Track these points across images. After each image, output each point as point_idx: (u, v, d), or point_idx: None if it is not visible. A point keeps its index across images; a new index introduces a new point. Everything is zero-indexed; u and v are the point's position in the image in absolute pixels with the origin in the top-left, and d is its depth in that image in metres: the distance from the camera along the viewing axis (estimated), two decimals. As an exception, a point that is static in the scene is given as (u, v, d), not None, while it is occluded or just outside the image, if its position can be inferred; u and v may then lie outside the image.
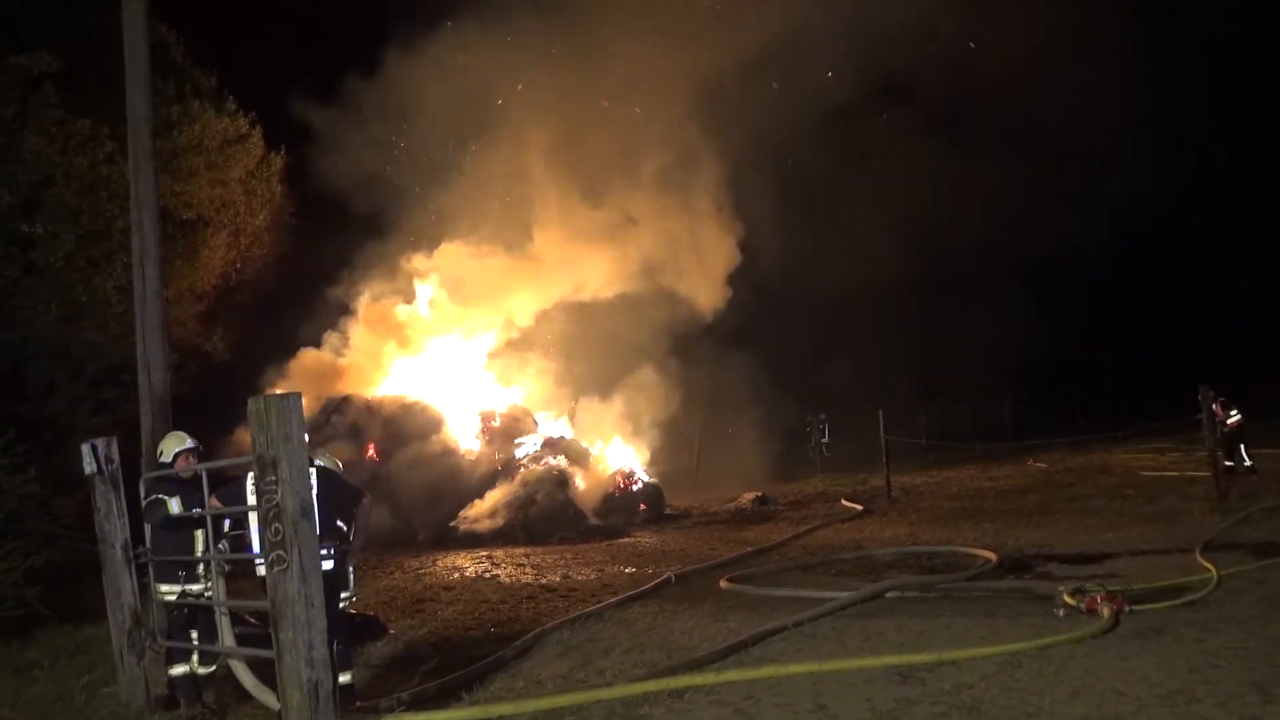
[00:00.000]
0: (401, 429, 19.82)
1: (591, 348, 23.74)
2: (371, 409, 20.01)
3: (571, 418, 23.04)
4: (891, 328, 31.71)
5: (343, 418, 19.65)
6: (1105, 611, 7.91)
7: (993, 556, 11.39)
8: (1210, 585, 8.92)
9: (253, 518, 6.64)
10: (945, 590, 9.93)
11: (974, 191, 31.54)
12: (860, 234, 27.27)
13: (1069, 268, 38.37)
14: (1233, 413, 17.63)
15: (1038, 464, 23.90)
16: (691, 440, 26.09)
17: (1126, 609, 8.01)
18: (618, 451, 22.55)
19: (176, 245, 17.50)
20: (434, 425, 20.24)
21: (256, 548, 6.64)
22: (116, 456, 7.46)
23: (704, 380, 24.68)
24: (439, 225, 22.90)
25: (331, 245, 22.76)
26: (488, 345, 22.95)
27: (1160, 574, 9.72)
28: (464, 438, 20.64)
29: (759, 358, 26.34)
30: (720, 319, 24.94)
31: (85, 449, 7.38)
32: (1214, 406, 16.74)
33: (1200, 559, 10.15)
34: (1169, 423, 18.93)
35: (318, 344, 21.37)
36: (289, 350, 20.95)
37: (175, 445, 7.86)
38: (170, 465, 7.74)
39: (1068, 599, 8.39)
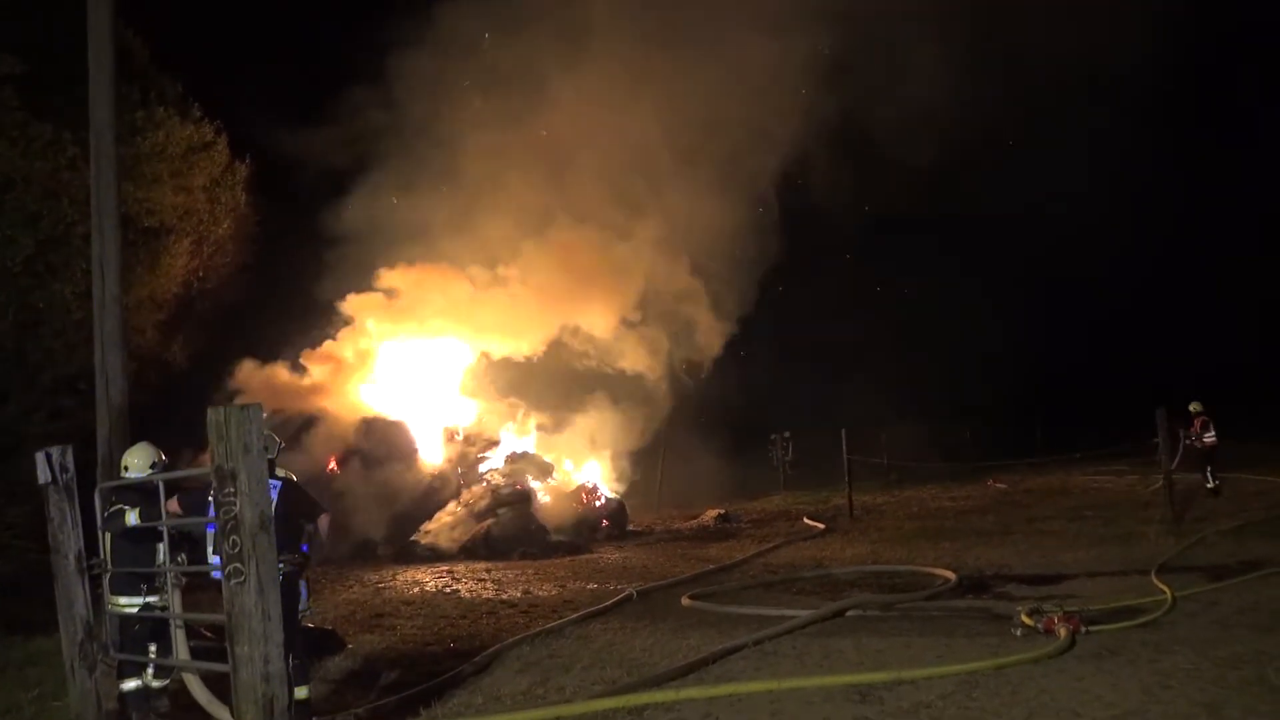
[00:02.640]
0: (364, 442, 19.68)
1: (558, 366, 23.70)
2: (333, 422, 19.84)
3: (535, 433, 22.98)
4: (856, 345, 31.86)
5: (304, 430, 19.48)
6: (1062, 632, 8.01)
7: (952, 576, 11.49)
8: (1165, 607, 9.06)
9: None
10: (905, 609, 9.99)
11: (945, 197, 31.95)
12: (830, 245, 27.51)
13: (1035, 289, 38.72)
14: (1209, 433, 17.95)
15: (998, 485, 24.13)
16: (655, 457, 26.09)
17: (1083, 629, 8.12)
18: (581, 467, 22.53)
19: (138, 252, 17.26)
20: (397, 439, 20.12)
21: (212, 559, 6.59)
22: (72, 466, 7.34)
23: (669, 397, 24.74)
24: (411, 243, 22.75)
25: (297, 256, 22.58)
26: (453, 362, 22.82)
27: (1116, 595, 9.86)
28: (427, 452, 20.52)
29: (723, 374, 26.43)
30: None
31: (40, 457, 7.27)
32: (1194, 422, 17.24)
33: (1156, 581, 10.29)
34: (1126, 445, 19.19)
35: (280, 355, 21.14)
36: (250, 360, 20.71)
37: (150, 458, 7.76)
38: (139, 478, 7.62)
39: (1025, 619, 8.49)
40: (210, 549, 6.80)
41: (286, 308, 21.81)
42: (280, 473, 7.20)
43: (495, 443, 21.35)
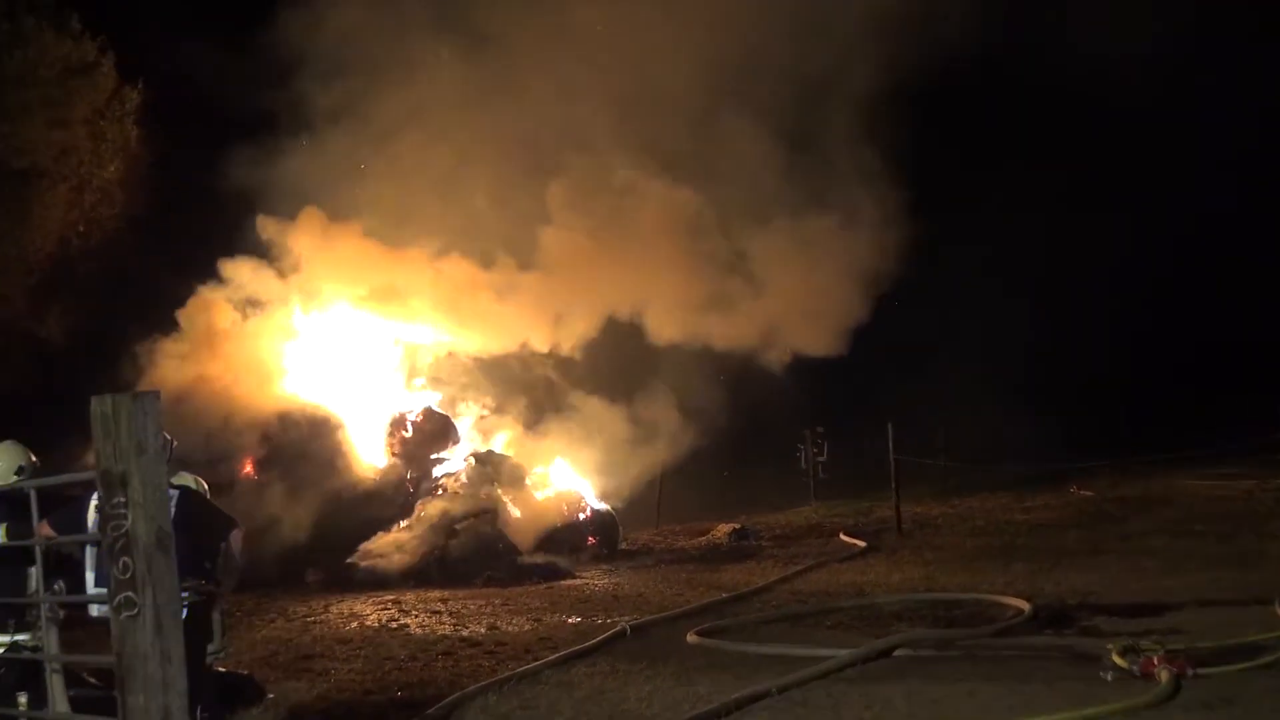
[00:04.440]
0: (287, 439, 19.65)
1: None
2: (248, 413, 19.79)
3: (505, 428, 22.95)
4: (902, 325, 31.83)
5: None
6: (1163, 675, 8.01)
7: (1026, 606, 11.54)
8: (1291, 644, 9.07)
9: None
10: (967, 648, 10.03)
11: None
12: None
13: (1131, 257, 38.53)
14: None
15: (1082, 492, 24.14)
16: (654, 458, 26.07)
17: (1189, 672, 8.13)
18: (562, 472, 22.48)
19: (3, 201, 17.25)
20: (330, 434, 20.09)
21: (92, 586, 6.58)
22: (-80, 470, 7.33)
23: (671, 389, 24.69)
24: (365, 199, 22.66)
25: (200, 204, 22.45)
26: (401, 337, 22.75)
27: (1232, 630, 9.84)
28: (368, 451, 20.51)
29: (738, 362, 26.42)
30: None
31: (-121, 461, 7.25)
32: None
33: (1280, 612, 10.31)
34: (1245, 443, 19.20)
35: (179, 326, 21.01)
36: (145, 335, 20.60)
37: (16, 460, 7.73)
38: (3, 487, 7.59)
39: (1118, 660, 8.50)
40: (92, 574, 6.78)
41: (187, 270, 21.64)
42: (179, 480, 7.17)
43: (455, 438, 21.31)
